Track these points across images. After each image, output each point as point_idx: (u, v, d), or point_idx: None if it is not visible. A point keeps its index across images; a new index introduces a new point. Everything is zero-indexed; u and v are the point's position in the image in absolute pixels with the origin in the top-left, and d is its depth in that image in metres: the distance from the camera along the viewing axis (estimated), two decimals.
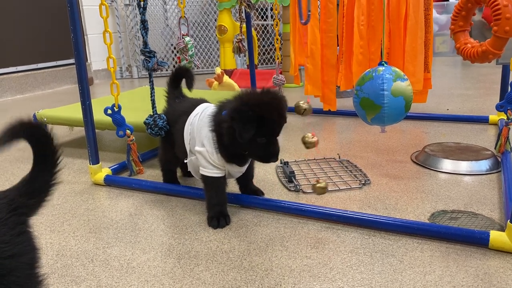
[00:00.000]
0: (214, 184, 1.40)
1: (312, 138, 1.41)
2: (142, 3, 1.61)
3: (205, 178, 1.40)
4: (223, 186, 1.41)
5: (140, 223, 1.42)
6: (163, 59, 4.81)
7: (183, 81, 1.66)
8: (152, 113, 1.66)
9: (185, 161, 1.48)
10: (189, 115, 1.48)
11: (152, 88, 1.70)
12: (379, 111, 1.60)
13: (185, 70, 1.66)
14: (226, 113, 1.30)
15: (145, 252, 1.24)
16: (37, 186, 0.79)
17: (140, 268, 1.16)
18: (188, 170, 1.51)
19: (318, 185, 1.46)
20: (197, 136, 1.40)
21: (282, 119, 1.28)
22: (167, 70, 4.84)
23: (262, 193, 1.55)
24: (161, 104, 1.70)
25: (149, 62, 1.65)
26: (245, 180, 1.53)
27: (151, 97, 1.69)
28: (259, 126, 1.22)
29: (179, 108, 1.56)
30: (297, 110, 1.40)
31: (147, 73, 1.71)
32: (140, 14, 1.62)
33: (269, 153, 1.28)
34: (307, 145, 1.41)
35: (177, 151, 1.54)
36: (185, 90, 1.69)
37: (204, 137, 1.37)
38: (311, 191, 1.56)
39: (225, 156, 1.35)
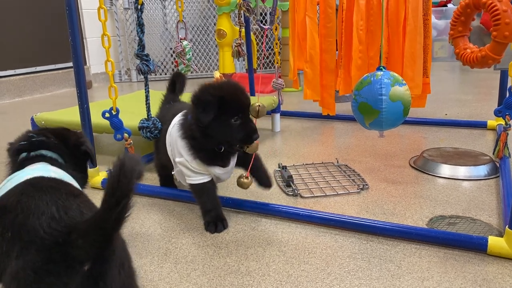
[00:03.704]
0: (203, 191, 1.38)
1: (247, 179, 1.42)
2: (139, 6, 1.61)
3: (193, 187, 1.39)
4: (212, 190, 1.40)
5: (137, 227, 1.41)
6: (162, 63, 4.83)
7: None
8: (147, 117, 1.65)
9: (173, 172, 1.47)
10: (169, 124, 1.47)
11: (147, 92, 1.70)
12: (377, 116, 1.60)
13: (177, 74, 1.68)
14: (191, 116, 1.30)
15: (141, 256, 1.24)
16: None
17: (136, 273, 1.15)
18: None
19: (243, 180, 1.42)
20: (175, 147, 1.39)
21: (243, 96, 1.29)
22: (166, 74, 4.83)
23: (268, 185, 1.47)
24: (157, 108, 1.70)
25: (147, 65, 1.65)
26: (258, 171, 1.44)
27: (146, 101, 1.69)
28: (225, 108, 1.24)
29: (166, 116, 1.56)
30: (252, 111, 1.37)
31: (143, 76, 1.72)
32: (137, 17, 1.62)
33: (249, 130, 1.27)
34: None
35: (163, 159, 1.53)
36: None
37: (180, 147, 1.36)
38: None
39: (204, 159, 1.34)
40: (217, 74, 3.26)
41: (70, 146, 1.04)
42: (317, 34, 2.42)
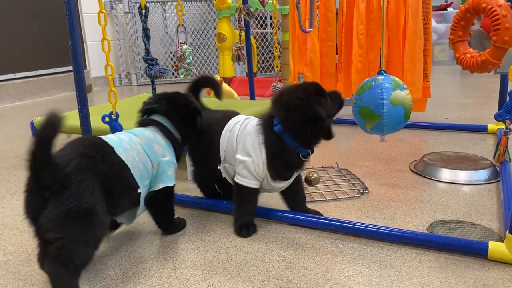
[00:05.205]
0: (251, 195, 1.37)
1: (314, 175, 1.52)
2: (143, 11, 1.61)
3: (240, 187, 1.35)
4: (257, 196, 1.39)
5: (137, 232, 1.40)
6: (162, 66, 4.82)
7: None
8: None
9: (218, 167, 1.43)
10: (222, 124, 1.42)
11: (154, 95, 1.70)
12: (378, 120, 1.60)
13: (210, 79, 1.67)
14: (280, 127, 1.29)
15: (141, 261, 1.23)
16: None
17: (135, 278, 1.15)
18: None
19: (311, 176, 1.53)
20: (240, 144, 1.35)
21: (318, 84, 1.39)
22: (165, 78, 4.82)
23: (321, 214, 1.46)
24: None
25: (151, 69, 1.66)
26: (297, 204, 1.46)
27: None
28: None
29: (211, 118, 1.49)
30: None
31: (147, 80, 1.73)
32: (142, 22, 1.62)
33: (335, 96, 1.43)
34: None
35: (210, 161, 1.47)
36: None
37: (250, 147, 1.32)
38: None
39: (275, 172, 1.32)
40: (217, 78, 3.26)
41: (180, 108, 1.33)
42: (317, 38, 2.42)
